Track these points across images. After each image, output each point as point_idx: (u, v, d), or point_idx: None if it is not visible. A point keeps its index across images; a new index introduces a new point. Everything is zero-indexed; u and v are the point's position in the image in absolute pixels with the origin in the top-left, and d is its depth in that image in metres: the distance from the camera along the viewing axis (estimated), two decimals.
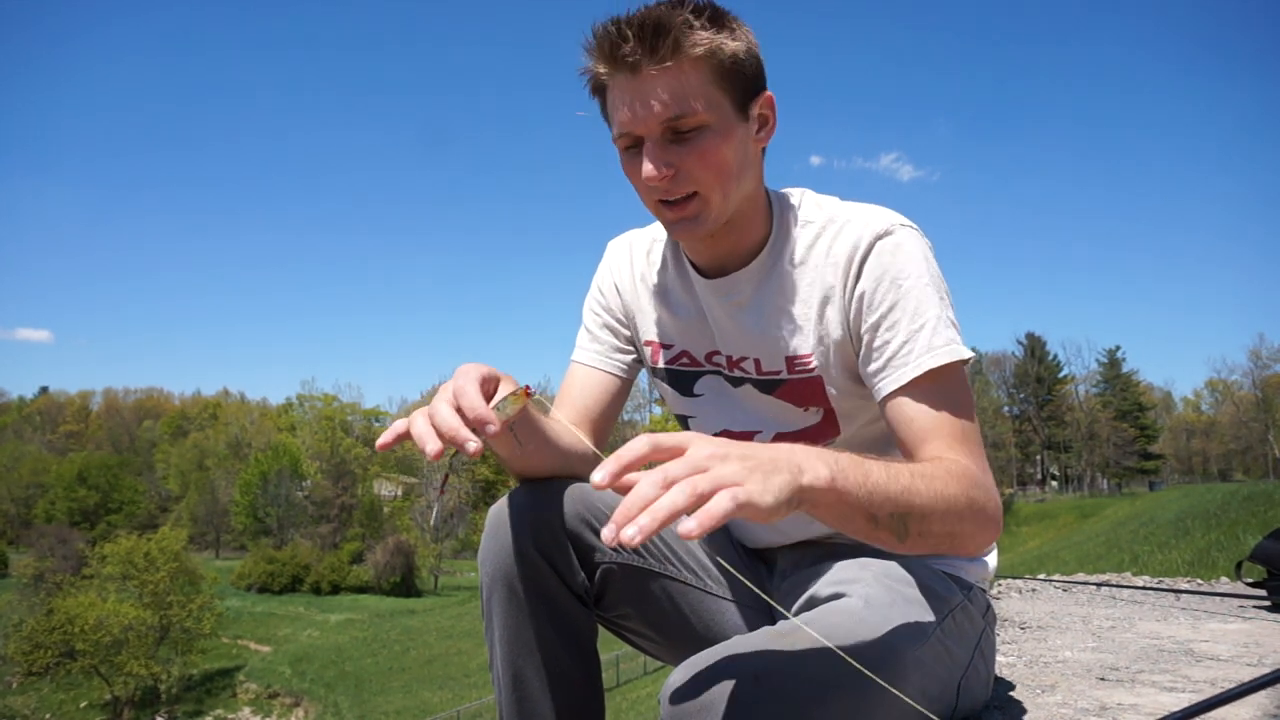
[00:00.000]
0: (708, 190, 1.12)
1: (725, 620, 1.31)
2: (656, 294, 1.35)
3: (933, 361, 1.09)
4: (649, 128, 1.09)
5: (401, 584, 43.56)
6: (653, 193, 1.13)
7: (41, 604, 30.73)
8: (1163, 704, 1.47)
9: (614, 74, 1.10)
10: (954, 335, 1.11)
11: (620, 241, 1.43)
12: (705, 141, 1.09)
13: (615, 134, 1.14)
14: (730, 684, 0.88)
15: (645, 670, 25.18)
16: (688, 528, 0.68)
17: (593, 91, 1.17)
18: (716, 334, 1.29)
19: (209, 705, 30.46)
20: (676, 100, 1.07)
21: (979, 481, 1.01)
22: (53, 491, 55.60)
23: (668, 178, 1.10)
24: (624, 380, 1.38)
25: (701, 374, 1.33)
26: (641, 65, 1.06)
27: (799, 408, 1.25)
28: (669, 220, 1.16)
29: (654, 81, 1.07)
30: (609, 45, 1.07)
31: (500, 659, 1.18)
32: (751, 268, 1.23)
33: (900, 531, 0.92)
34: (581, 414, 1.31)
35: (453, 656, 32.04)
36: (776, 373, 1.24)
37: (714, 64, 1.08)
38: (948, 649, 1.08)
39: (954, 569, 1.27)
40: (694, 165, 1.10)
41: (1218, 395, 68.98)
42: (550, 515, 1.18)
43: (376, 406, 69.09)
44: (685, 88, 1.07)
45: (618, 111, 1.11)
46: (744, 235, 1.21)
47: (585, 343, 1.39)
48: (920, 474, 0.95)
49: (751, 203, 1.20)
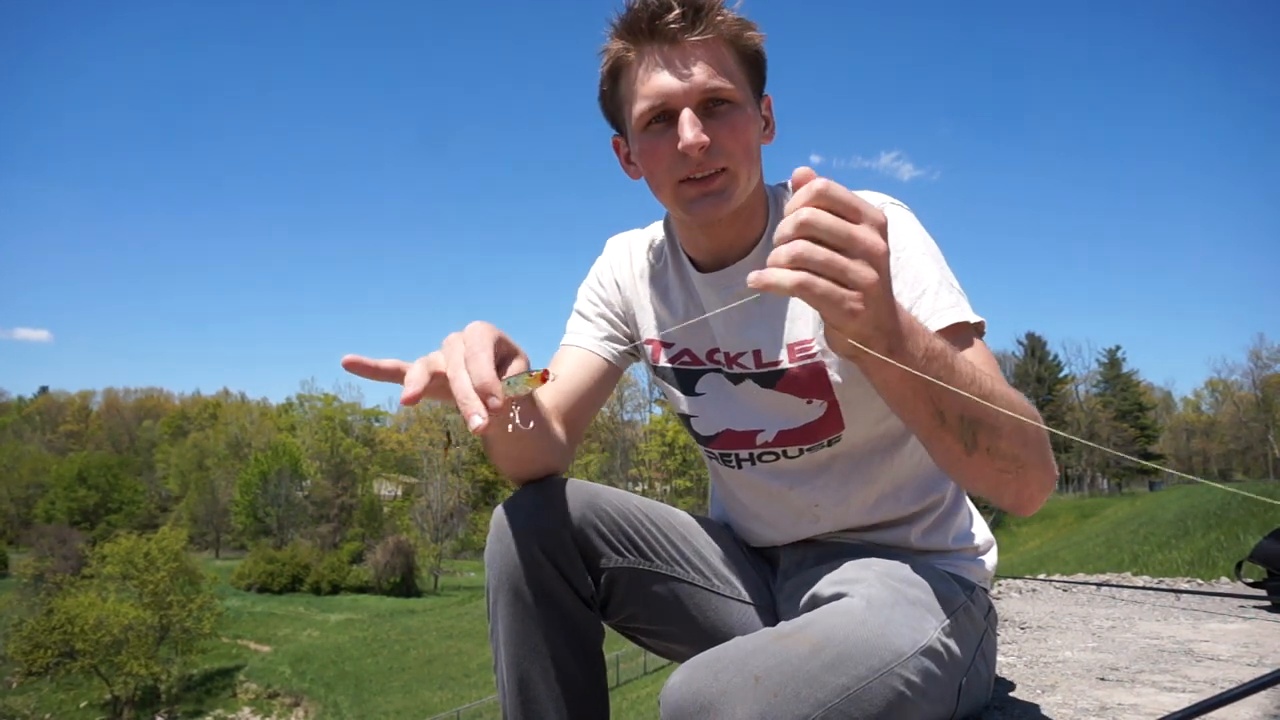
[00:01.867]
0: (736, 166, 1.13)
1: (733, 620, 1.31)
2: (657, 292, 1.35)
3: (938, 323, 1.07)
4: (689, 96, 1.09)
5: (401, 584, 43.56)
6: (681, 167, 1.12)
7: (41, 604, 30.74)
8: (1163, 704, 1.47)
9: (649, 46, 1.10)
10: (957, 299, 1.10)
11: (620, 240, 1.43)
12: (737, 117, 1.12)
13: (642, 110, 1.12)
14: (730, 685, 0.88)
15: (645, 670, 25.18)
16: (762, 276, 0.78)
17: (607, 76, 1.17)
18: (716, 331, 1.28)
19: (209, 705, 30.45)
20: (718, 70, 1.10)
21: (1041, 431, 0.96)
22: (53, 491, 55.58)
23: (706, 146, 1.10)
24: (613, 367, 1.37)
25: (703, 372, 1.32)
26: (681, 36, 1.09)
27: (802, 400, 1.24)
28: (691, 198, 1.14)
29: (695, 51, 1.09)
30: (649, 15, 1.08)
31: (505, 662, 1.18)
32: (750, 259, 1.23)
33: (969, 441, 0.91)
34: (568, 395, 1.29)
35: (453, 656, 32.03)
36: (777, 363, 1.23)
37: (741, 47, 1.13)
38: (949, 650, 1.06)
39: (957, 569, 1.27)
40: (727, 139, 1.11)
41: (1218, 395, 69.01)
42: (556, 518, 1.17)
43: (376, 406, 69.23)
44: (721, 61, 1.11)
45: (649, 82, 1.11)
46: (746, 226, 1.22)
47: (578, 327, 1.39)
48: (1001, 381, 0.93)
49: (755, 195, 1.21)
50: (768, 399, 1.26)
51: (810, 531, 1.33)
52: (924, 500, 1.29)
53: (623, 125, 1.21)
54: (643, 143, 1.15)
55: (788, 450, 1.27)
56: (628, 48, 1.12)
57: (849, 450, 1.26)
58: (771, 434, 1.27)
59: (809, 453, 1.26)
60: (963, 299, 1.11)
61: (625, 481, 57.88)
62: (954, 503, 1.33)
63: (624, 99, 1.16)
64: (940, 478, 1.31)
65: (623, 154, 1.25)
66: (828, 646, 0.91)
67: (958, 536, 1.31)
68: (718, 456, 1.35)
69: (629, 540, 1.25)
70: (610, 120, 1.24)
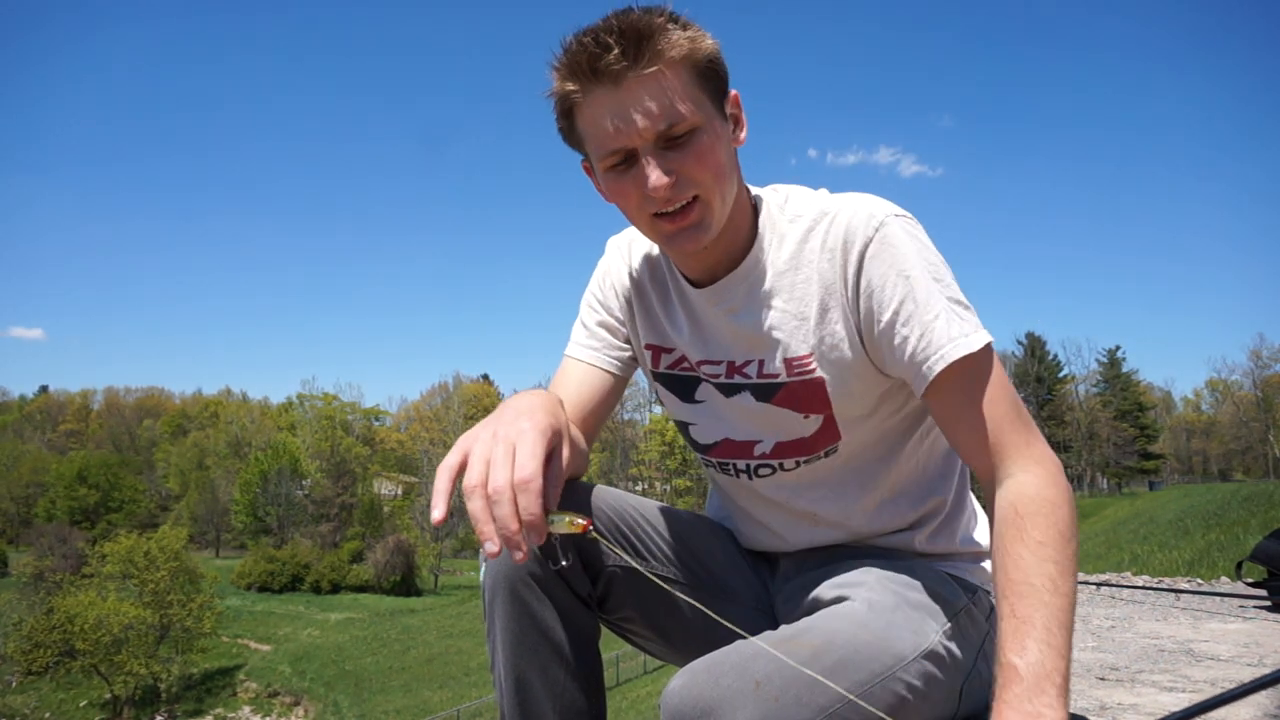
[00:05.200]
0: (708, 193, 1.08)
1: (730, 622, 1.30)
2: (656, 297, 1.32)
3: (952, 354, 1.05)
4: (643, 138, 1.04)
5: (401, 583, 43.54)
6: (649, 206, 1.09)
7: (41, 603, 30.72)
8: (1163, 704, 1.46)
9: (592, 89, 1.05)
10: (964, 324, 1.07)
11: (621, 240, 1.39)
12: (700, 143, 1.06)
13: (600, 154, 1.08)
14: (730, 690, 0.88)
15: (645, 670, 25.17)
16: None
17: (561, 115, 1.12)
18: (711, 342, 1.26)
19: (209, 704, 30.45)
20: (667, 106, 1.04)
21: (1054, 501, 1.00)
22: (53, 490, 55.57)
23: (670, 185, 1.06)
24: (618, 378, 1.35)
25: (701, 381, 1.30)
26: (625, 75, 1.02)
27: (799, 414, 1.21)
28: (668, 233, 1.11)
29: (640, 89, 1.03)
30: (587, 58, 1.02)
31: (503, 662, 1.17)
32: (742, 270, 1.19)
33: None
34: (575, 410, 1.28)
35: (453, 655, 32.03)
36: (775, 375, 1.20)
37: (692, 65, 1.06)
38: (951, 652, 1.06)
39: (959, 571, 1.25)
40: (693, 168, 1.06)
41: (1218, 395, 68.97)
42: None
43: (376, 406, 69.32)
44: (672, 92, 1.04)
45: (600, 128, 1.06)
46: (732, 239, 1.18)
47: (581, 338, 1.36)
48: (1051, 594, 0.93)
49: (738, 205, 1.16)
50: (764, 412, 1.23)
51: (809, 537, 1.31)
52: (925, 504, 1.27)
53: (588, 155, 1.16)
54: (608, 183, 1.11)
55: (785, 463, 1.25)
56: (574, 90, 1.06)
57: (847, 459, 1.24)
58: (769, 445, 1.25)
59: (806, 464, 1.24)
60: (970, 317, 1.08)
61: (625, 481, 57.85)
62: (957, 505, 1.31)
63: (582, 137, 1.11)
64: (941, 481, 1.29)
65: (594, 178, 1.20)
66: (829, 651, 0.91)
67: (962, 539, 1.30)
68: (715, 465, 1.33)
69: (626, 539, 1.24)
70: (576, 149, 1.18)
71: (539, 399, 1.04)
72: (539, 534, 0.88)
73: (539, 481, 0.89)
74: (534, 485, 0.89)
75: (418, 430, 63.84)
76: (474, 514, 0.89)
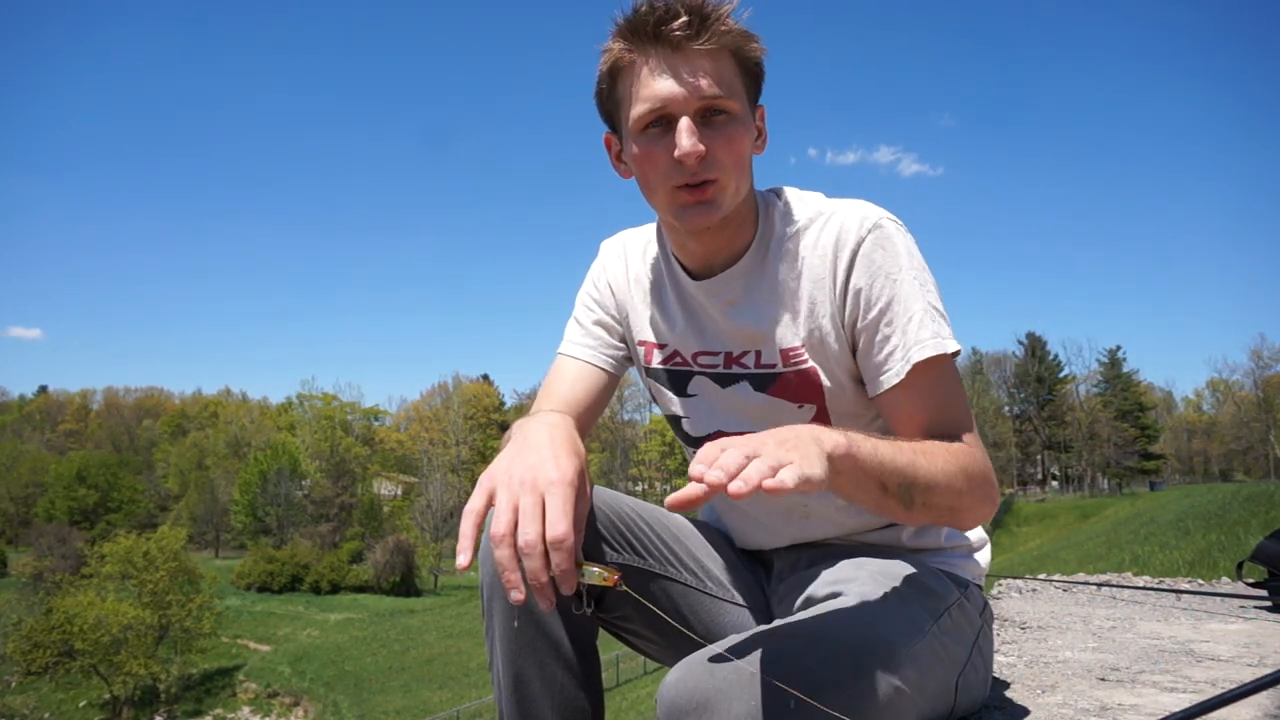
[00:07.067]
0: (727, 179, 1.13)
1: (725, 621, 1.31)
2: (651, 294, 1.35)
3: (920, 355, 1.12)
4: (688, 104, 1.09)
5: (401, 583, 43.60)
6: (676, 174, 1.12)
7: (41, 603, 30.80)
8: (1163, 704, 1.46)
9: (650, 50, 1.10)
10: (939, 328, 1.14)
11: (614, 241, 1.43)
12: (732, 129, 1.12)
13: (641, 111, 1.12)
14: (726, 682, 0.88)
15: (645, 670, 25.20)
16: (738, 488, 0.76)
17: (605, 75, 1.16)
18: (708, 334, 1.28)
19: (208, 705, 30.47)
20: (719, 80, 1.10)
21: (976, 458, 1.09)
22: (52, 490, 55.59)
23: (702, 156, 1.10)
24: (613, 376, 1.38)
25: (694, 374, 1.32)
26: (685, 43, 1.08)
27: (793, 404, 1.24)
28: (684, 204, 1.14)
29: (697, 59, 1.09)
30: (655, 20, 1.08)
31: (501, 661, 1.18)
32: (740, 265, 1.23)
33: (906, 500, 0.99)
34: (568, 407, 1.30)
35: (453, 656, 32.07)
36: (773, 366, 1.24)
37: (742, 59, 1.13)
38: (945, 646, 1.08)
39: (950, 566, 1.27)
40: (721, 150, 1.11)
41: (1218, 395, 69.08)
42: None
43: (376, 405, 69.36)
44: (724, 72, 1.11)
45: (650, 86, 1.10)
46: (735, 234, 1.22)
47: (576, 336, 1.39)
48: (921, 450, 1.03)
49: (746, 204, 1.21)
50: (760, 402, 1.26)
51: (801, 532, 1.33)
52: None
53: (618, 125, 1.20)
54: (639, 145, 1.14)
55: None
56: (630, 49, 1.11)
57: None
58: None
59: None
60: (943, 325, 1.14)
61: (625, 481, 58.01)
62: None
63: (621, 99, 1.15)
64: None
65: (614, 152, 1.24)
66: (823, 645, 0.91)
67: (950, 534, 1.32)
68: None
69: (623, 539, 1.26)
70: (605, 118, 1.23)
71: (560, 433, 1.05)
72: (569, 587, 0.89)
73: (572, 539, 0.89)
74: (567, 544, 0.89)
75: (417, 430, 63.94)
76: (500, 562, 0.89)
